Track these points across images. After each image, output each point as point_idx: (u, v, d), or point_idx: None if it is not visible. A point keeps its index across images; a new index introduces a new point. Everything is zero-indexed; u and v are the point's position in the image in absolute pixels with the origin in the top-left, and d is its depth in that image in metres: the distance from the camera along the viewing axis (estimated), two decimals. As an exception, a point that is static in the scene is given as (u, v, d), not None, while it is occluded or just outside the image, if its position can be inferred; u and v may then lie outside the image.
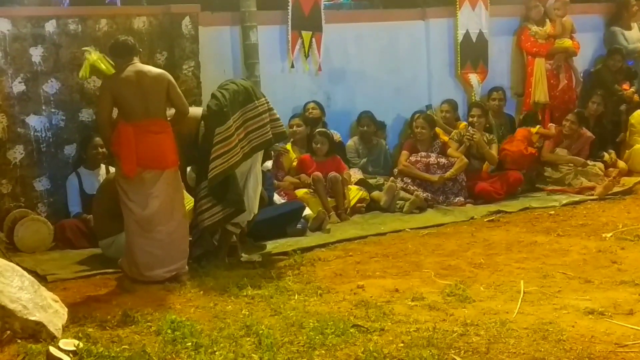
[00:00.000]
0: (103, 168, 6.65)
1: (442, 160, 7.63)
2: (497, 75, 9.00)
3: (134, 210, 5.26)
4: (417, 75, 8.61)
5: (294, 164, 7.47)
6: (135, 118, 5.21)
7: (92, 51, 5.56)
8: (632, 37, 9.66)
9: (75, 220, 6.45)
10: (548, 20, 9.09)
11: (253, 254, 5.88)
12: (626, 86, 9.26)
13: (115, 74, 5.34)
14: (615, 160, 8.53)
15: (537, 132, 8.24)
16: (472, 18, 8.75)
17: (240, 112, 5.64)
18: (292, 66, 7.84)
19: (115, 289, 5.19)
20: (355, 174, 7.67)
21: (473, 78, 8.79)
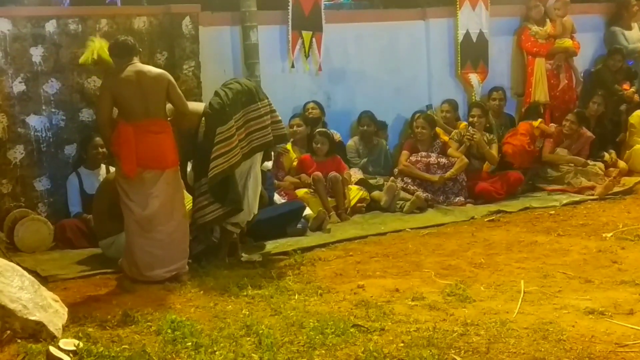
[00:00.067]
0: (103, 168, 6.65)
1: (443, 160, 7.63)
2: (498, 75, 9.00)
3: (134, 210, 5.27)
4: (418, 75, 8.61)
5: (294, 163, 7.46)
6: (135, 118, 5.21)
7: (96, 40, 5.58)
8: (633, 37, 9.66)
9: (76, 220, 6.46)
10: (548, 20, 9.09)
11: (253, 254, 5.89)
12: (626, 86, 9.26)
13: (115, 74, 5.34)
14: (616, 160, 8.52)
15: (538, 127, 8.23)
16: (473, 18, 8.74)
17: (242, 112, 5.64)
18: (293, 66, 7.84)
19: (115, 289, 5.19)
20: (356, 173, 7.66)
21: (473, 78, 8.79)
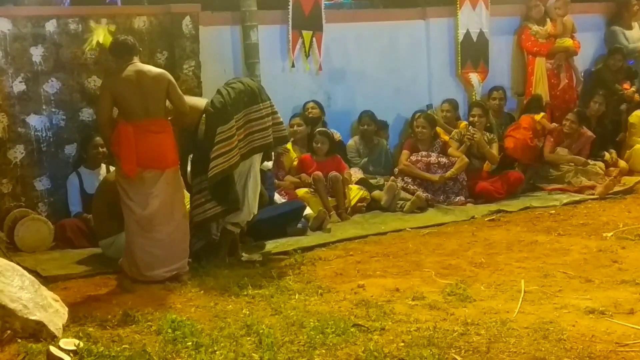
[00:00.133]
0: (103, 168, 6.65)
1: (443, 159, 7.63)
2: (498, 74, 9.00)
3: (134, 210, 5.27)
4: (418, 74, 8.61)
5: (295, 163, 7.46)
6: (136, 118, 5.22)
7: (99, 27, 5.57)
8: (633, 36, 9.66)
9: (76, 219, 6.46)
10: (549, 20, 9.10)
11: (253, 254, 5.89)
12: (627, 85, 9.26)
13: (115, 74, 5.34)
14: (616, 159, 8.52)
15: (539, 121, 8.22)
16: (473, 17, 8.74)
17: (244, 112, 5.64)
18: (293, 66, 7.84)
19: (116, 289, 5.19)
20: (356, 173, 7.66)
21: (474, 77, 8.79)
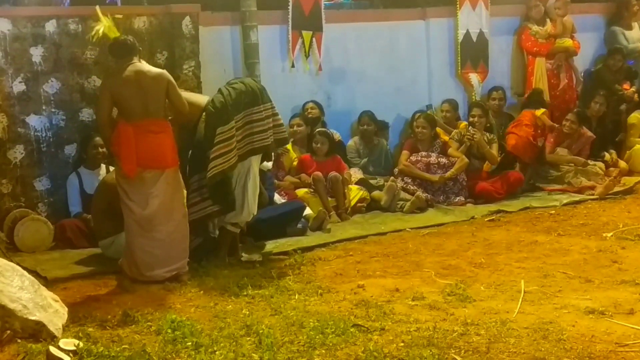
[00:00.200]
0: (103, 168, 6.65)
1: (443, 160, 7.62)
2: (498, 74, 8.99)
3: (134, 210, 5.26)
4: (418, 75, 8.60)
5: (295, 163, 7.46)
6: (135, 118, 5.22)
7: (104, 18, 5.58)
8: (633, 36, 9.65)
9: (76, 220, 6.45)
10: (548, 20, 9.09)
11: (253, 254, 5.88)
12: (626, 86, 9.26)
13: (115, 74, 5.35)
14: (616, 160, 8.52)
15: (540, 117, 8.22)
16: (473, 18, 8.74)
17: (243, 113, 5.62)
18: (293, 66, 7.83)
19: (115, 289, 5.19)
20: (356, 173, 7.66)
21: (473, 78, 8.79)
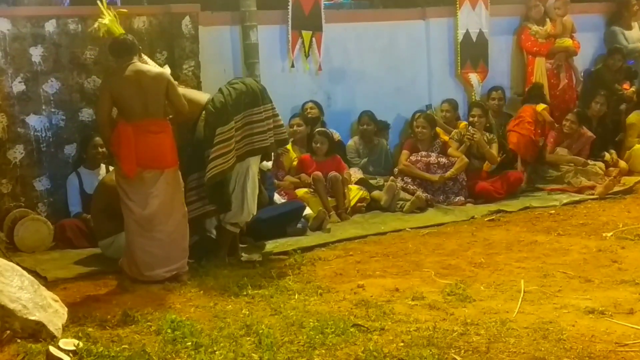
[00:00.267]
0: (103, 168, 6.64)
1: (443, 159, 7.62)
2: (498, 74, 8.99)
3: (134, 210, 5.27)
4: (417, 74, 8.60)
5: (294, 163, 7.46)
6: (135, 118, 5.22)
7: (108, 13, 5.59)
8: (633, 36, 9.65)
9: (76, 220, 6.45)
10: (548, 20, 9.09)
11: (253, 254, 5.89)
12: (626, 86, 9.26)
13: (114, 74, 5.36)
14: (616, 159, 8.52)
15: (540, 112, 8.22)
16: (472, 17, 8.74)
17: (243, 114, 5.62)
18: (293, 66, 7.83)
19: (115, 289, 5.19)
20: (356, 173, 7.66)
21: (473, 77, 8.79)
